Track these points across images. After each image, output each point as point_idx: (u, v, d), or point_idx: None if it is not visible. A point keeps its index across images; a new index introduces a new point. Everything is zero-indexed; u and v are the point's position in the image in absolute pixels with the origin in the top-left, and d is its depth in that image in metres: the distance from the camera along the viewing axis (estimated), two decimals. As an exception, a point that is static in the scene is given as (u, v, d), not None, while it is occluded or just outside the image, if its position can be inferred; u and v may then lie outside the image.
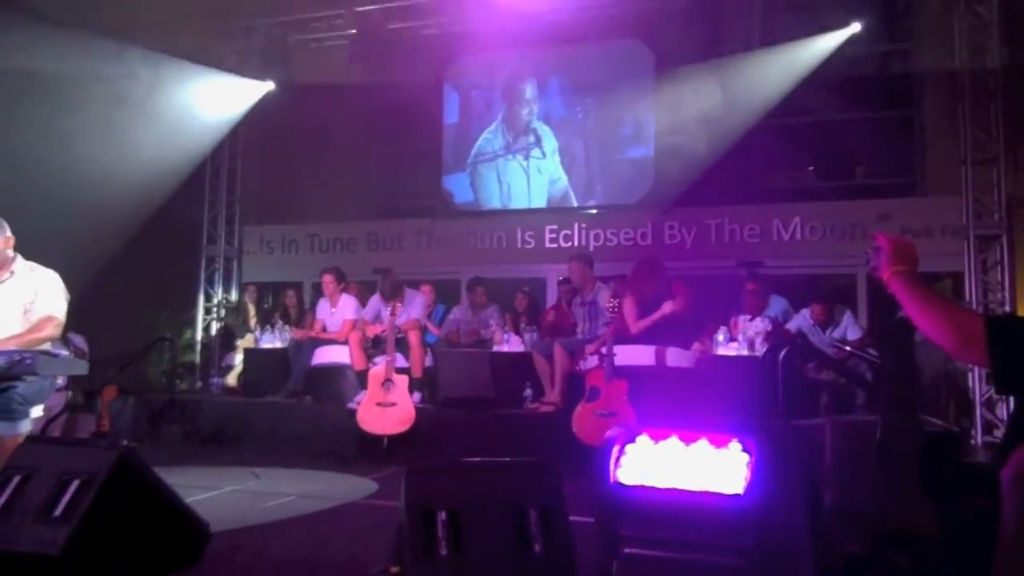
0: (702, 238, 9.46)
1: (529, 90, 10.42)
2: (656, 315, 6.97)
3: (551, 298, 9.67)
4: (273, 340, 8.78)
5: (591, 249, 9.74)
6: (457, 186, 10.67)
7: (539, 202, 10.29)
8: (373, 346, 7.59)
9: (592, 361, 6.84)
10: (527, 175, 10.33)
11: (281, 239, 11.23)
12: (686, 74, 9.43)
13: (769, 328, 6.90)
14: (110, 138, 8.45)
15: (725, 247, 9.37)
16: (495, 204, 10.50)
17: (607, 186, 10.11)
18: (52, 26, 7.95)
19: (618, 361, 6.40)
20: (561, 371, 6.97)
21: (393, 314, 7.06)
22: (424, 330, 8.21)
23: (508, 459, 3.13)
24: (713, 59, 9.35)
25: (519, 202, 10.37)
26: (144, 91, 8.96)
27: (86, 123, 8.21)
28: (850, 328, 7.44)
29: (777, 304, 7.90)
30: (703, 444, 3.01)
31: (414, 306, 7.76)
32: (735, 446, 2.95)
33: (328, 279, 8.36)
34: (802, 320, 7.55)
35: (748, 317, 7.12)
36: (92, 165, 8.11)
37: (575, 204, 10.18)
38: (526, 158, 10.35)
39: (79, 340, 8.08)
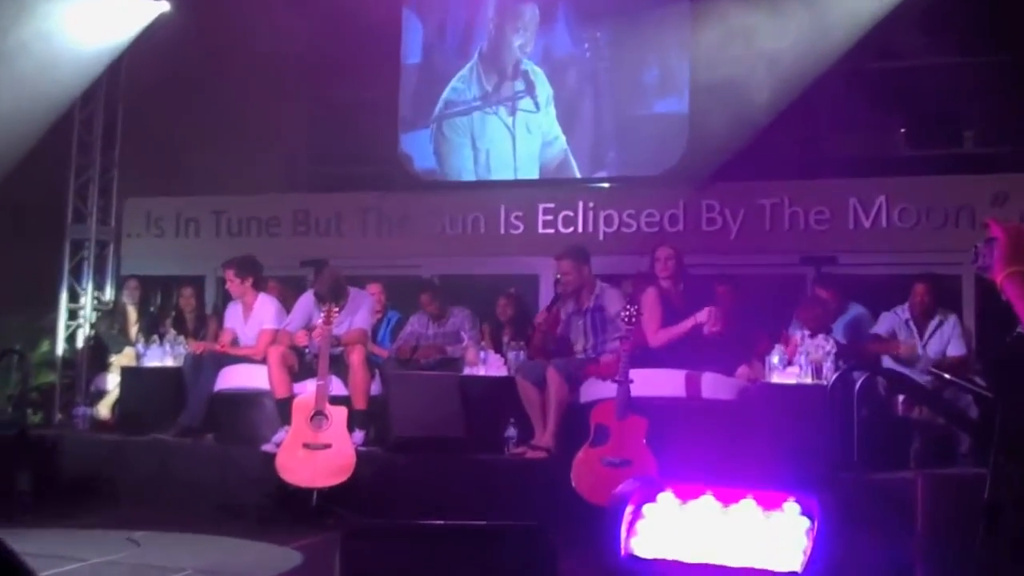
0: (753, 224, 9.48)
1: (528, 12, 10.37)
2: (687, 323, 6.97)
3: (545, 303, 9.65)
4: (162, 356, 8.73)
5: (600, 237, 9.74)
6: (417, 148, 10.66)
7: (529, 172, 10.29)
8: (301, 365, 7.57)
9: (599, 389, 6.83)
10: (512, 135, 10.32)
11: (175, 217, 11.17)
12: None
13: (834, 349, 6.92)
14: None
15: (784, 236, 9.39)
16: (468, 174, 10.49)
17: (624, 151, 10.12)
18: None
19: (635, 390, 6.40)
20: (557, 403, 6.97)
21: (328, 320, 7.03)
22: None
23: (483, 523, 3.13)
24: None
25: (501, 172, 10.36)
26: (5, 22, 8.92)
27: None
28: (954, 340, 7.48)
29: (850, 312, 7.92)
30: (748, 505, 3.02)
31: (360, 312, 7.72)
32: (792, 508, 2.95)
33: (229, 274, 8.32)
34: (893, 319, 7.58)
35: (808, 332, 7.13)
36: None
37: (577, 174, 10.19)
38: (511, 112, 10.34)
39: None
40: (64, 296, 10.84)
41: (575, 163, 10.18)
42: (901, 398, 7.05)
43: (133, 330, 9.92)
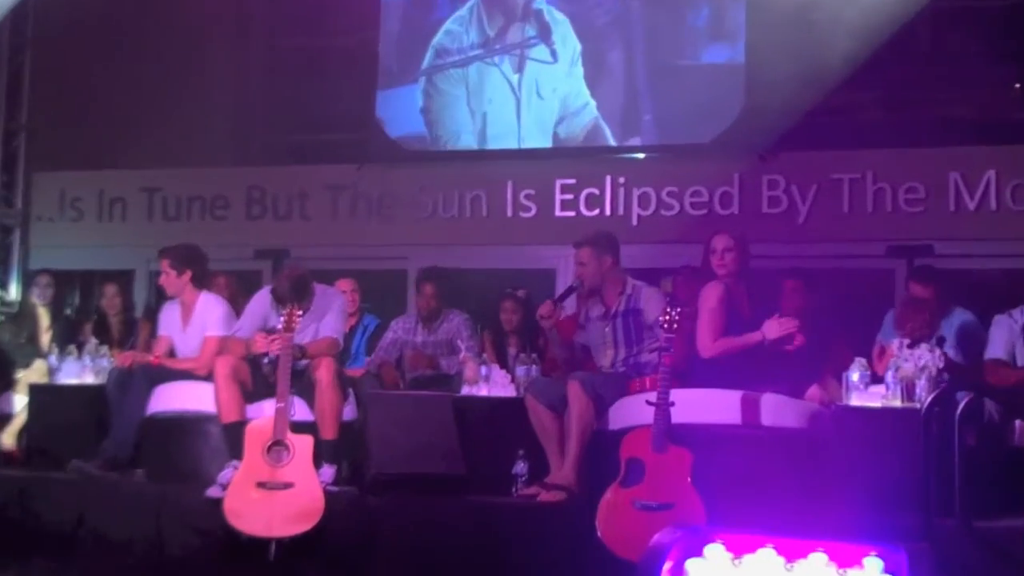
0: (827, 204, 9.49)
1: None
2: (750, 338, 6.93)
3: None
4: (80, 371, 8.74)
5: (633, 221, 9.77)
6: (399, 109, 10.67)
7: (537, 139, 10.28)
8: (256, 382, 7.57)
9: (631, 413, 6.83)
10: (515, 94, 10.32)
11: (97, 196, 11.20)
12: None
13: (940, 363, 6.88)
14: None
15: (867, 220, 9.40)
16: (466, 140, 10.49)
17: (663, 113, 10.12)
18: None
19: (677, 415, 6.39)
20: (580, 430, 6.94)
21: (290, 326, 7.03)
22: (344, 360, 8.18)
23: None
24: None
25: (502, 139, 10.38)
26: None
27: None
28: None
29: (955, 319, 7.89)
30: (819, 560, 3.01)
31: (329, 315, 7.73)
32: (873, 564, 2.95)
33: (164, 265, 8.32)
34: (1007, 328, 7.51)
35: (907, 342, 7.10)
36: None
37: (612, 143, 10.17)
38: (518, 67, 10.34)
39: None
40: (-43, 296, 10.89)
41: (608, 129, 10.16)
42: (1019, 424, 7.00)
43: (45, 338, 9.93)
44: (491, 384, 7.69)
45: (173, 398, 7.96)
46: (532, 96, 10.30)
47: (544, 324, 7.43)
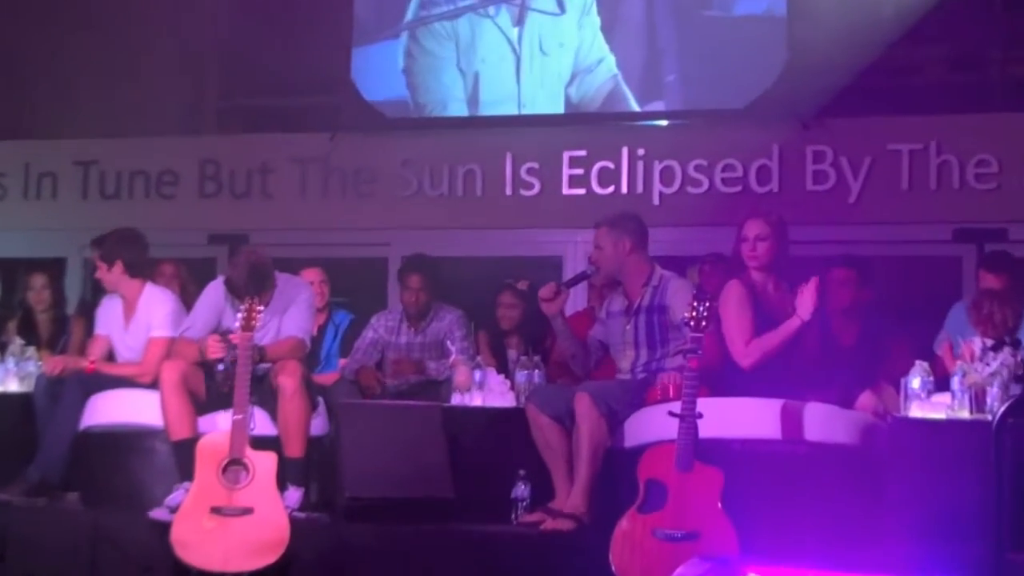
0: (883, 180, 9.49)
1: None
2: (787, 326, 6.90)
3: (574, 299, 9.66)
4: (3, 376, 8.75)
5: (655, 200, 9.77)
6: (376, 69, 10.67)
7: (542, 104, 10.29)
8: (209, 390, 7.58)
9: (650, 427, 6.83)
10: (515, 52, 10.31)
11: (22, 170, 11.19)
12: None
13: (1022, 368, 6.85)
14: None
15: (929, 199, 9.40)
16: (457, 106, 10.50)
17: (691, 74, 10.12)
18: None
19: (705, 429, 6.39)
20: (591, 448, 6.95)
21: (249, 324, 7.03)
22: (312, 364, 8.19)
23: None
24: None
25: (499, 104, 10.39)
26: None
27: None
28: None
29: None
30: (869, 596, 3.04)
31: (294, 311, 7.74)
32: (933, 601, 2.98)
33: (96, 258, 8.28)
34: None
35: (989, 343, 7.06)
36: None
37: (636, 107, 10.16)
38: (517, 21, 10.33)
39: None
40: None
41: (629, 93, 10.15)
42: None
43: (-37, 339, 9.95)
44: (486, 392, 7.69)
45: (112, 409, 7.94)
46: (535, 53, 10.27)
47: (546, 309, 7.38)
